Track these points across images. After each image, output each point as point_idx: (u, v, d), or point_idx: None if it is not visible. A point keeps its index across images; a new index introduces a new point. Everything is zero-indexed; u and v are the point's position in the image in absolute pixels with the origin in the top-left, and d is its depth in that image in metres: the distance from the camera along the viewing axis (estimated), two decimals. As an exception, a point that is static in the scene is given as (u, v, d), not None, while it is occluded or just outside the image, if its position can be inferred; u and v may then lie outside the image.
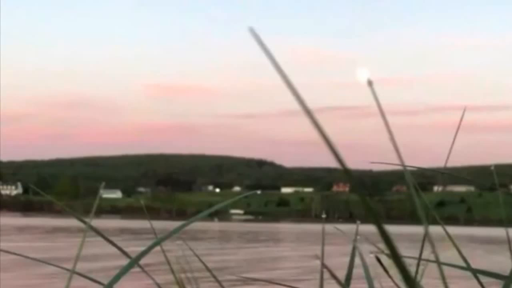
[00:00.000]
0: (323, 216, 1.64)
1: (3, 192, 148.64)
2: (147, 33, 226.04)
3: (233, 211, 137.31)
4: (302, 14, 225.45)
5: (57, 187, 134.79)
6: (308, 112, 0.57)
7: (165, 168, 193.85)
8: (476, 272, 1.36)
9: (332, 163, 0.56)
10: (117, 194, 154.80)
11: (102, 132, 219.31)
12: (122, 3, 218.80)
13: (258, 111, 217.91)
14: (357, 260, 1.44)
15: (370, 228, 0.66)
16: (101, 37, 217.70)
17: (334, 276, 1.19)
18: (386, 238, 0.56)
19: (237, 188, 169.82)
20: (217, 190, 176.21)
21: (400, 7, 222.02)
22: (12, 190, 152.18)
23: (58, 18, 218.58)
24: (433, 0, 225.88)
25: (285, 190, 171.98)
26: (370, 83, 0.66)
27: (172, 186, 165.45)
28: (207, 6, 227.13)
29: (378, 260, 1.38)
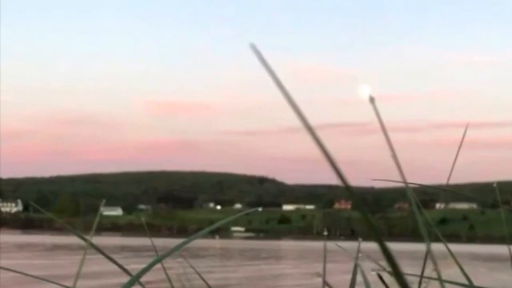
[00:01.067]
0: (325, 233, 1.64)
1: (3, 209, 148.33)
2: (148, 50, 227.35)
3: (234, 228, 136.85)
4: (303, 30, 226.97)
5: (57, 204, 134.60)
6: (310, 129, 0.57)
7: (166, 185, 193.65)
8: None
9: (334, 180, 0.56)
10: (117, 212, 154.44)
11: (103, 149, 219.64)
12: (123, 20, 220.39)
13: (259, 128, 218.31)
14: (359, 278, 1.43)
15: (372, 246, 0.67)
16: (101, 53, 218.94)
17: (336, 294, 1.18)
18: (388, 255, 0.56)
19: (238, 205, 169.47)
20: (218, 207, 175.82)
21: (401, 24, 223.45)
22: (12, 208, 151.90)
23: (58, 34, 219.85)
24: (435, 17, 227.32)
25: (287, 207, 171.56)
26: (372, 99, 0.66)
27: (173, 203, 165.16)
28: (208, 23, 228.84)
29: (380, 277, 1.37)
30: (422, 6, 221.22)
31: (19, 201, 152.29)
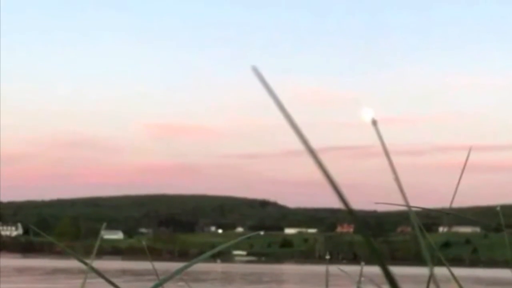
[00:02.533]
0: (327, 257, 1.63)
1: (3, 233, 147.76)
2: (148, 72, 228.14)
3: (236, 252, 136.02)
4: (305, 52, 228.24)
5: (57, 228, 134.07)
6: (312, 152, 0.57)
7: (167, 209, 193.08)
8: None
9: (336, 204, 0.57)
10: (118, 235, 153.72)
11: (103, 173, 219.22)
12: (123, 42, 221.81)
13: (261, 151, 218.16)
14: (362, 303, 1.42)
15: (374, 269, 0.67)
16: (101, 76, 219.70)
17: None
18: (391, 279, 0.57)
19: (240, 229, 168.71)
20: (220, 231, 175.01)
21: (404, 46, 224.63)
22: (12, 231, 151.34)
23: (58, 57, 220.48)
24: (437, 39, 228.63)
25: (289, 231, 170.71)
26: (374, 122, 0.67)
27: (174, 227, 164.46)
28: (208, 45, 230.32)
29: (384, 302, 1.36)
30: (424, 28, 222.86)
31: (19, 225, 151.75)
